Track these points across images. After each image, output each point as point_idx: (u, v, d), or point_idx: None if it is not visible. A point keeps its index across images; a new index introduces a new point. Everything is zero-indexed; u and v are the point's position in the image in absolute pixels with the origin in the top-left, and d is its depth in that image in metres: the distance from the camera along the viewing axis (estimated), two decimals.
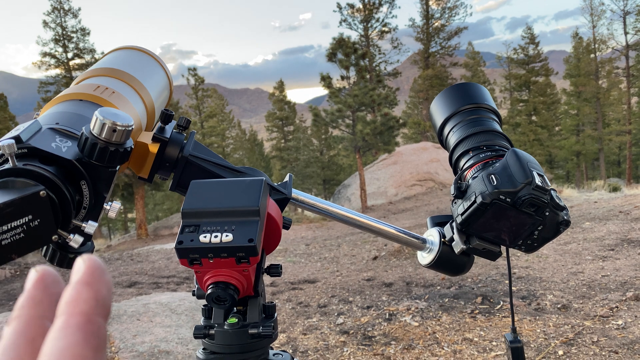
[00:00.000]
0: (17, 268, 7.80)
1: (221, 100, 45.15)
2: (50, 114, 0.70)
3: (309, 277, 6.36)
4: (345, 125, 20.15)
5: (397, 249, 7.00)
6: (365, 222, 0.92)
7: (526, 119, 38.00)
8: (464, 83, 0.97)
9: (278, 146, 44.13)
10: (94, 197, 0.63)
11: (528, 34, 40.32)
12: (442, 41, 37.96)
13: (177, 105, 26.90)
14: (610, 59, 39.37)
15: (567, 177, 40.40)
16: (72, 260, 0.65)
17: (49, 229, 0.56)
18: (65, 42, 27.07)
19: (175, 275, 7.13)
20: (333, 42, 20.08)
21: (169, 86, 1.00)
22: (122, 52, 0.95)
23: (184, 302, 4.14)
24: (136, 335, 3.38)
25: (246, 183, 0.70)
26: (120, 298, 5.63)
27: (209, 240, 0.63)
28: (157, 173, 0.80)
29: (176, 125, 0.81)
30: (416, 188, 19.76)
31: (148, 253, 9.77)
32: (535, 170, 0.78)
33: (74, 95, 0.74)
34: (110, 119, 0.60)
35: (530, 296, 4.36)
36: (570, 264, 5.27)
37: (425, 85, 36.75)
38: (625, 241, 5.89)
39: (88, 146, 0.60)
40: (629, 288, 4.22)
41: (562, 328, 3.59)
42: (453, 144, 0.91)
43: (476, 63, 41.99)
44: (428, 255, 0.91)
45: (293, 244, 10.60)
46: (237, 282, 0.67)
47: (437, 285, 5.06)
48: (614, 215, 7.57)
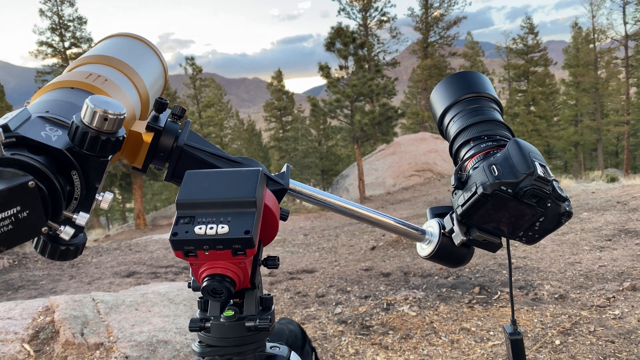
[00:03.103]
0: (15, 258, 7.80)
1: (219, 90, 44.99)
2: (40, 102, 0.68)
3: (307, 267, 6.37)
4: (343, 115, 20.10)
5: (395, 239, 7.01)
6: (363, 213, 0.90)
7: (525, 109, 37.98)
8: (465, 72, 0.95)
9: (276, 136, 44.08)
10: (86, 188, 0.62)
11: (527, 24, 40.18)
12: (441, 31, 37.82)
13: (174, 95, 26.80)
14: (609, 49, 39.28)
15: (565, 168, 40.48)
16: (64, 252, 0.63)
17: (39, 221, 0.54)
18: (62, 30, 26.91)
19: (174, 265, 7.13)
20: (331, 31, 19.98)
21: (164, 74, 0.98)
22: (116, 39, 0.92)
23: (182, 292, 4.14)
24: (134, 325, 3.38)
25: (242, 173, 0.69)
26: (119, 288, 5.63)
27: (205, 231, 0.62)
28: (151, 163, 0.78)
29: (171, 114, 0.79)
30: (414, 178, 19.78)
31: (146, 243, 9.77)
32: (537, 160, 0.76)
33: (65, 82, 0.72)
34: (102, 107, 0.58)
35: (528, 286, 4.37)
36: (568, 254, 5.28)
37: (424, 75, 36.65)
38: (622, 231, 5.90)
39: (79, 135, 0.59)
40: (626, 278, 4.23)
41: (559, 318, 3.60)
42: (453, 134, 0.90)
43: (475, 53, 41.88)
44: (427, 247, 0.90)
45: (291, 234, 10.61)
46: (234, 274, 0.66)
47: (435, 275, 5.07)
48: (611, 206, 7.59)
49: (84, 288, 5.92)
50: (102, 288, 5.80)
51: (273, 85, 44.79)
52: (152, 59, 0.93)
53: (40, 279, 6.52)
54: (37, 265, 7.46)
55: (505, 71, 40.91)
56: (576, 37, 39.15)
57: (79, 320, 3.29)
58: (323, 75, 20.13)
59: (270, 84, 45.29)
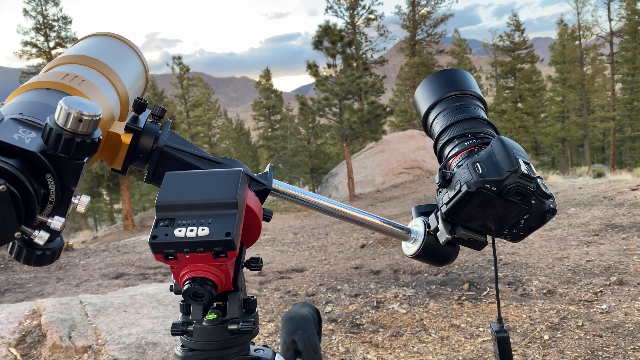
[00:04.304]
0: (2, 261, 7.70)
1: (207, 89, 44.80)
2: (14, 103, 0.66)
3: (297, 266, 6.36)
4: (332, 113, 20.09)
5: (385, 237, 7.02)
6: (349, 213, 0.90)
7: (512, 106, 38.28)
8: (449, 69, 0.95)
9: (265, 135, 44.01)
10: (61, 191, 0.60)
11: (514, 21, 40.49)
12: (429, 28, 37.98)
13: (162, 95, 26.62)
14: (594, 45, 39.68)
15: (553, 164, 40.84)
16: (40, 257, 0.62)
17: (11, 226, 0.53)
18: (47, 30, 26.64)
19: (162, 266, 7.08)
20: (319, 29, 19.96)
21: (144, 74, 0.96)
22: (94, 38, 0.90)
23: (171, 293, 4.11)
24: (123, 327, 3.35)
25: (223, 174, 0.68)
26: (107, 290, 5.58)
27: (185, 234, 0.60)
28: (131, 164, 0.77)
29: (150, 114, 0.77)
30: (403, 176, 19.83)
31: (135, 244, 9.69)
32: (521, 158, 0.76)
33: (40, 83, 0.70)
34: (76, 108, 0.57)
35: (516, 282, 4.40)
36: (556, 249, 5.33)
37: (411, 73, 36.77)
38: (609, 226, 5.96)
39: (53, 137, 0.57)
40: (613, 273, 4.27)
41: (548, 313, 3.63)
42: (438, 132, 0.89)
43: (462, 50, 42.09)
44: (413, 246, 0.89)
45: (281, 233, 10.60)
46: (215, 277, 0.65)
47: (425, 273, 5.08)
48: (598, 201, 7.67)
49: (72, 290, 5.86)
50: (90, 290, 5.75)
51: (261, 84, 44.70)
52: (131, 59, 0.91)
53: (27, 282, 6.44)
54: (23, 268, 7.37)
55: (492, 68, 41.18)
56: (562, 33, 39.49)
57: (67, 323, 3.25)
58: (311, 74, 20.10)
59: (259, 82, 45.19)
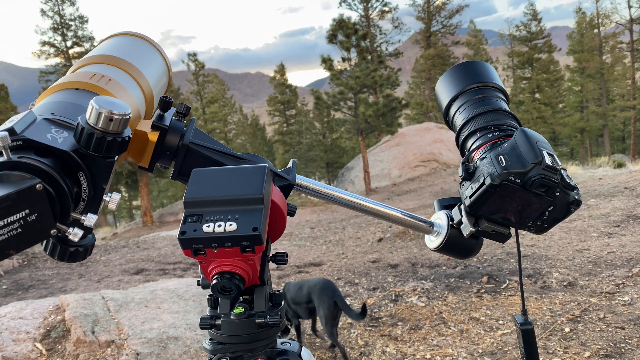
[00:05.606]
0: (25, 258, 7.86)
1: (222, 86, 44.91)
2: (45, 104, 0.68)
3: (315, 260, 6.38)
4: (347, 107, 20.04)
5: (402, 231, 7.00)
6: (370, 207, 0.90)
7: (529, 97, 37.73)
8: (470, 61, 0.94)
9: (280, 130, 44.04)
10: (93, 189, 0.62)
11: (530, 10, 39.84)
12: (444, 20, 37.55)
13: (178, 92, 26.80)
14: (614, 33, 38.86)
15: (572, 154, 40.25)
16: (73, 254, 0.64)
17: (47, 223, 0.54)
18: (64, 30, 26.93)
19: (182, 261, 7.16)
20: (333, 23, 19.89)
21: (167, 72, 0.98)
22: (118, 38, 0.92)
23: (191, 288, 4.16)
24: (144, 322, 3.40)
25: (249, 170, 0.69)
26: (128, 285, 5.67)
27: (213, 229, 0.62)
28: (157, 162, 0.78)
29: (175, 112, 0.79)
30: (420, 169, 19.72)
31: (154, 240, 9.81)
32: (545, 149, 0.76)
33: (69, 84, 0.72)
34: (107, 107, 0.58)
35: (536, 274, 4.36)
36: (576, 241, 5.26)
37: (427, 65, 36.44)
38: (630, 217, 5.87)
39: (84, 136, 0.58)
40: (635, 264, 4.21)
41: (568, 305, 3.60)
42: (460, 125, 0.89)
43: (478, 41, 41.53)
44: (436, 239, 0.89)
45: (298, 227, 10.63)
46: (243, 271, 0.66)
47: (443, 266, 5.06)
48: (619, 192, 7.55)
49: (94, 286, 5.97)
50: (112, 286, 5.84)
51: (276, 79, 44.70)
52: (155, 57, 0.92)
53: (50, 278, 6.57)
54: (46, 265, 7.52)
55: (509, 59, 40.60)
56: (580, 22, 38.75)
57: (90, 318, 3.32)
58: (326, 68, 20.06)
59: (273, 78, 45.20)
